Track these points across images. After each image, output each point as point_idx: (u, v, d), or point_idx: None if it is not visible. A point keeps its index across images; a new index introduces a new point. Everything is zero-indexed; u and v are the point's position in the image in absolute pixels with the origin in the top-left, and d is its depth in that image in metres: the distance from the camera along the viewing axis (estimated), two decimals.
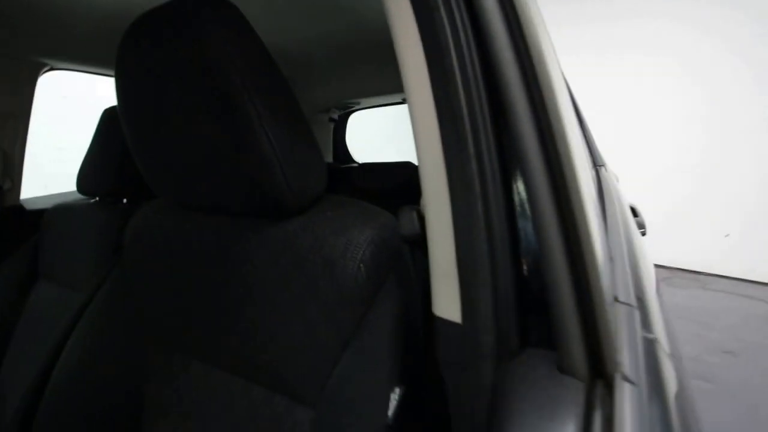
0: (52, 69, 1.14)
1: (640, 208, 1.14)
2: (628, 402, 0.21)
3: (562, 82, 0.34)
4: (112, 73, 0.48)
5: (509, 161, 0.29)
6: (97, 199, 1.00)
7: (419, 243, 0.34)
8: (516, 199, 0.29)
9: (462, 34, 0.28)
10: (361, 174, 1.71)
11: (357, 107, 1.97)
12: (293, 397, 0.44)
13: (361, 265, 0.38)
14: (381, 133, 3.94)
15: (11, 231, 1.17)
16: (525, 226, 0.28)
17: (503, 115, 0.28)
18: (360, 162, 2.11)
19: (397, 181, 1.61)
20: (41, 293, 1.00)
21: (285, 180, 0.41)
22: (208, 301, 0.50)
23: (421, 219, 0.34)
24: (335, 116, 2.01)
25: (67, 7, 0.83)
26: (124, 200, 0.97)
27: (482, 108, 0.27)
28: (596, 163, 1.03)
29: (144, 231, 0.58)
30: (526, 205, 0.28)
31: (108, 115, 0.98)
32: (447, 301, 0.30)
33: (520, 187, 0.29)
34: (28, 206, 1.20)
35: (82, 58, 1.13)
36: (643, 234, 1.02)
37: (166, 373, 0.54)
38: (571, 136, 0.28)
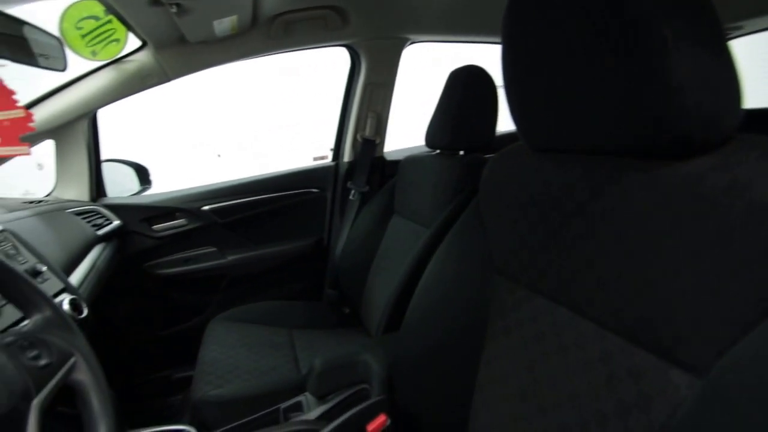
0: (413, 42, 1.45)
1: None
2: None
3: None
4: (463, 38, 0.56)
5: None
6: (438, 151, 1.23)
7: None
8: None
9: None
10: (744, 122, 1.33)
11: (733, 34, 1.52)
12: (665, 357, 0.41)
13: None
14: None
15: (376, 176, 1.62)
16: None
17: None
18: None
19: None
20: (395, 226, 1.35)
21: (695, 111, 0.37)
22: (564, 243, 0.53)
23: None
24: None
25: None
26: (461, 152, 1.15)
27: None
28: None
29: (500, 175, 0.66)
30: None
31: (450, 78, 1.16)
32: None
33: None
34: (388, 157, 1.62)
35: (438, 29, 1.37)
36: None
37: (509, 303, 0.62)
38: None
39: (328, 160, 1.74)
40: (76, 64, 1.20)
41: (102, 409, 0.52)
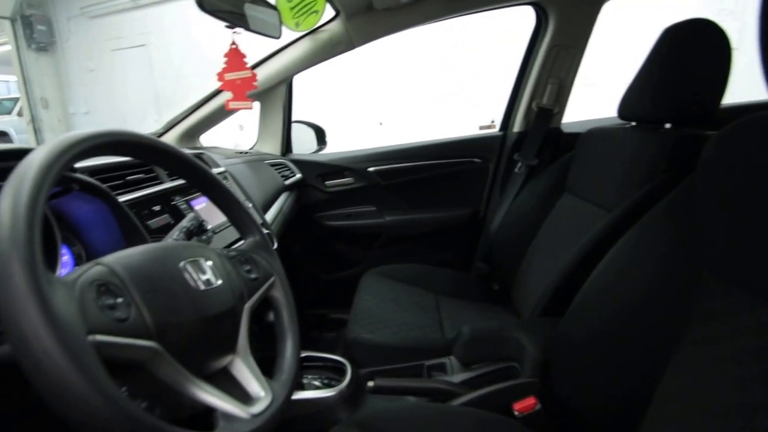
0: None
1: None
2: None
3: None
4: None
5: None
6: (634, 124, 1.06)
7: None
8: None
9: None
10: None
11: None
12: None
13: None
14: None
15: (548, 150, 1.50)
16: None
17: None
18: None
19: None
20: (565, 205, 1.24)
21: None
22: None
23: None
24: None
25: None
26: (667, 125, 0.97)
27: None
28: None
29: (734, 152, 0.53)
30: None
31: (665, 35, 0.95)
32: None
33: None
34: (565, 129, 1.48)
35: None
36: None
37: (723, 308, 0.51)
38: None
39: (495, 129, 1.68)
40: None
41: (290, 322, 0.63)
